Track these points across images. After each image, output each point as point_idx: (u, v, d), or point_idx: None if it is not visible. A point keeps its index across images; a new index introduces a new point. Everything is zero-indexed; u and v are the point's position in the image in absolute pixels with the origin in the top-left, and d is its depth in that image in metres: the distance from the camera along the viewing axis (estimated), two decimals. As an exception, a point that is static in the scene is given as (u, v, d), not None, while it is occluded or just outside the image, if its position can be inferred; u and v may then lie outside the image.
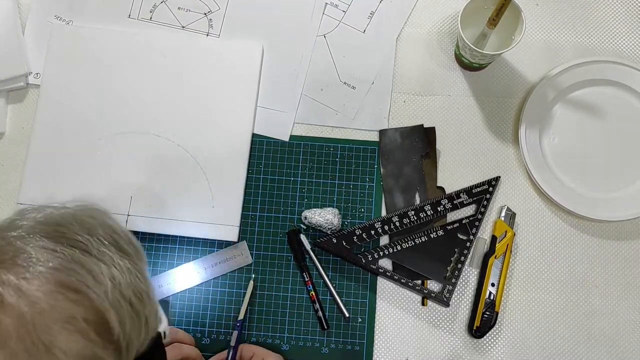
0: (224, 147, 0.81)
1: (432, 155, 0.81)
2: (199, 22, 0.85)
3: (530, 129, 0.80)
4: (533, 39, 0.85)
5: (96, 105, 0.82)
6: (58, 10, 0.86)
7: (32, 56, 0.84)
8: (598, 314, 0.78)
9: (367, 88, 0.84)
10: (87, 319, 0.42)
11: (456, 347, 0.77)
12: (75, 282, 0.43)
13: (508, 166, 0.82)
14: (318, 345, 0.76)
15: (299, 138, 0.82)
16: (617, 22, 0.86)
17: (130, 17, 0.86)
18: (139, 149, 0.81)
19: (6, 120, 0.83)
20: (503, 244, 0.78)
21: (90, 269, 0.44)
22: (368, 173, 0.81)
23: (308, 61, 0.84)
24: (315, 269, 0.78)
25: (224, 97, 0.82)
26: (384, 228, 0.78)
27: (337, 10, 0.86)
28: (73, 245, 0.44)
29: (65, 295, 0.42)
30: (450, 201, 0.79)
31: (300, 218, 0.79)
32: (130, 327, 0.45)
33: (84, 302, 0.42)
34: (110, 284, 0.44)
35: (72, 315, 0.42)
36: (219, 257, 0.78)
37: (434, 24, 0.86)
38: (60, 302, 0.42)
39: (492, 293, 0.77)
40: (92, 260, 0.44)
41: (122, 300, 0.45)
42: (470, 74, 0.84)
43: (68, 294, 0.42)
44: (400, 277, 0.77)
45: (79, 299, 0.42)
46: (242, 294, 0.77)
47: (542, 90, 0.81)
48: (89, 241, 0.45)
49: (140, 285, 0.47)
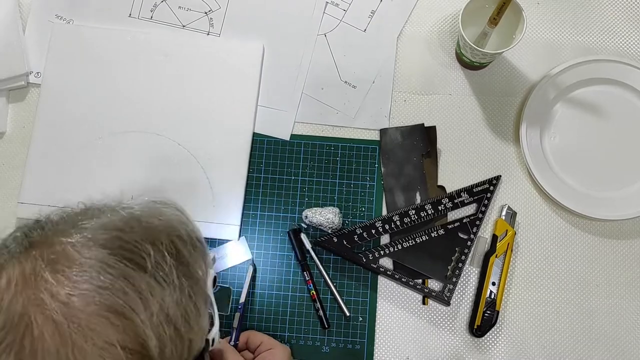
0: (225, 146, 0.81)
1: (433, 154, 0.81)
2: (200, 21, 0.85)
3: (531, 127, 0.80)
4: (534, 38, 0.85)
5: (97, 104, 0.82)
6: (59, 9, 0.86)
7: (33, 55, 0.84)
8: (599, 313, 0.78)
9: (368, 87, 0.83)
10: (125, 347, 0.41)
11: (457, 346, 0.77)
12: (121, 305, 0.41)
13: (509, 165, 0.81)
14: (319, 344, 0.77)
15: (299, 137, 0.82)
16: (618, 20, 0.86)
17: (130, 16, 0.86)
18: (140, 148, 0.81)
19: (7, 119, 0.83)
20: (504, 243, 0.78)
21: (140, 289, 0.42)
22: (369, 172, 0.81)
23: (309, 60, 0.84)
24: (316, 268, 0.78)
25: (225, 97, 0.82)
26: (384, 227, 0.78)
27: (337, 9, 0.86)
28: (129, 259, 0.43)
29: (109, 318, 0.41)
30: (451, 200, 0.79)
31: (301, 217, 0.79)
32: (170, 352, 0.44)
33: (124, 328, 0.41)
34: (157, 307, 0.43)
35: (110, 342, 0.41)
36: (219, 253, 0.78)
37: (435, 22, 0.86)
38: (100, 326, 0.41)
39: (492, 292, 0.77)
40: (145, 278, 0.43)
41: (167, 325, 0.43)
42: (471, 72, 0.84)
43: (111, 317, 0.41)
44: (401, 276, 0.77)
45: (121, 324, 0.41)
46: (241, 285, 0.77)
47: (543, 89, 0.81)
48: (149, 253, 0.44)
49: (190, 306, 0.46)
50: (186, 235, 0.48)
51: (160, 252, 0.45)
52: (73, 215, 0.46)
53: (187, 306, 0.46)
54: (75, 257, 0.42)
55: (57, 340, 0.40)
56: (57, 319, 0.40)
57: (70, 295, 0.41)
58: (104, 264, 0.42)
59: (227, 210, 0.79)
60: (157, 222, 0.47)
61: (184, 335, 0.45)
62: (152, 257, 0.44)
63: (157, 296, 0.43)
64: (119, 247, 0.43)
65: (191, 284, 0.47)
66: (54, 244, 0.43)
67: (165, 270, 0.44)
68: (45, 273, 0.41)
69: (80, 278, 0.41)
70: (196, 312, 0.47)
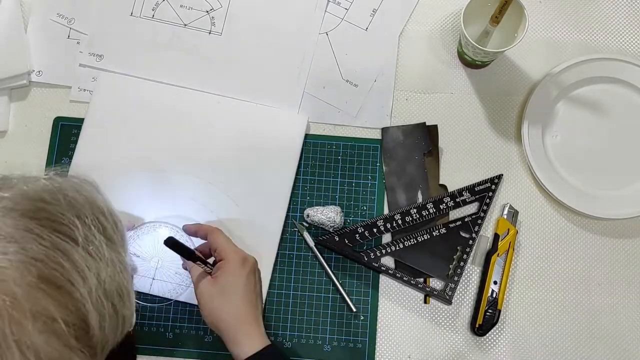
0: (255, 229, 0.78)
1: (435, 153, 0.81)
2: (201, 20, 0.85)
3: (533, 126, 0.80)
4: (536, 37, 0.84)
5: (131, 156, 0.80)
6: (60, 8, 0.86)
7: (35, 54, 0.84)
8: (600, 312, 0.78)
9: (370, 86, 0.83)
10: (68, 322, 0.38)
11: (458, 345, 0.77)
12: (59, 277, 0.38)
13: (511, 164, 0.81)
14: (320, 342, 0.77)
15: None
16: (620, 19, 0.85)
17: (132, 14, 0.86)
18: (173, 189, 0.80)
19: (9, 118, 0.83)
20: (505, 241, 0.78)
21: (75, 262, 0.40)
22: (370, 171, 0.81)
23: (310, 59, 0.84)
24: (319, 265, 0.78)
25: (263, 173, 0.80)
26: (386, 226, 0.78)
27: (339, 8, 0.86)
28: (59, 231, 0.40)
29: (47, 291, 0.38)
30: (453, 199, 0.79)
31: (302, 216, 0.79)
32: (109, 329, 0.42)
33: (66, 303, 0.38)
34: (95, 281, 0.40)
35: (52, 317, 0.38)
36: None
37: (437, 21, 0.86)
38: (40, 300, 0.37)
39: (494, 291, 0.77)
40: (79, 251, 0.40)
41: (105, 300, 0.41)
42: (472, 71, 0.84)
43: (50, 290, 0.38)
44: (402, 275, 0.77)
45: (61, 297, 0.38)
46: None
47: (545, 87, 0.81)
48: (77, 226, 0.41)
49: (123, 282, 0.44)
50: (107, 213, 0.46)
51: (87, 226, 0.42)
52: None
53: (121, 282, 0.44)
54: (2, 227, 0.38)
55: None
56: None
57: (2, 267, 0.37)
58: (34, 234, 0.39)
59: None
60: (79, 196, 0.44)
61: (119, 311, 0.43)
62: (80, 230, 0.41)
63: (93, 269, 0.40)
64: (46, 219, 0.40)
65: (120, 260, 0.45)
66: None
67: (96, 244, 0.42)
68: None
69: (12, 249, 0.38)
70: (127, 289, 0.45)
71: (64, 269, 0.39)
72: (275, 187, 0.79)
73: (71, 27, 0.86)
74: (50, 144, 0.82)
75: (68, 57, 0.84)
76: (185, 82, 0.83)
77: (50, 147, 0.82)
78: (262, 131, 0.81)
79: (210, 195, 0.79)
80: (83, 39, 0.85)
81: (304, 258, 0.79)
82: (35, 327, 0.37)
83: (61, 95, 0.84)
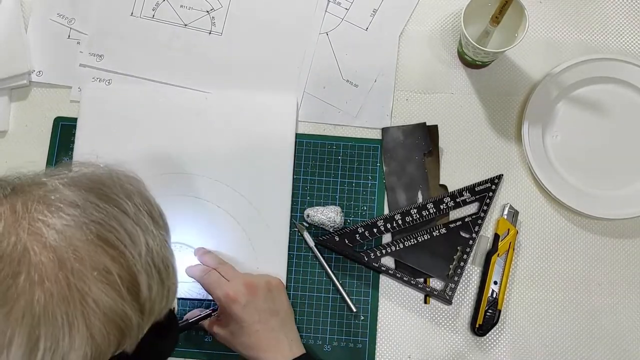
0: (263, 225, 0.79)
1: (435, 153, 0.81)
2: (202, 20, 0.85)
3: (533, 126, 0.80)
4: (536, 37, 0.84)
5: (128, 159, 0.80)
6: (60, 8, 0.86)
7: (35, 54, 0.84)
8: (601, 312, 0.78)
9: (370, 86, 0.83)
10: (121, 276, 0.43)
11: (458, 345, 0.77)
12: (114, 239, 0.43)
13: (511, 164, 0.81)
14: (320, 342, 0.77)
15: (301, 136, 0.82)
16: (621, 19, 0.85)
17: (132, 15, 0.86)
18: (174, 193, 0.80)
19: (9, 118, 0.83)
20: (506, 242, 0.78)
21: (128, 230, 0.44)
22: (370, 171, 0.81)
23: (310, 59, 0.84)
24: (320, 265, 0.78)
25: (260, 163, 0.80)
26: (386, 226, 0.78)
27: (339, 8, 0.86)
28: (115, 205, 0.45)
29: (104, 249, 0.43)
30: (453, 199, 0.79)
31: (302, 216, 0.79)
32: (155, 293, 0.46)
33: (119, 260, 0.43)
34: (144, 248, 0.45)
35: (108, 270, 0.42)
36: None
37: (437, 21, 0.86)
38: (99, 255, 0.42)
39: (494, 291, 0.77)
40: (130, 222, 0.45)
41: (153, 266, 0.46)
42: (473, 71, 0.84)
43: (107, 248, 0.43)
44: (402, 275, 0.77)
45: (116, 255, 0.43)
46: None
47: (545, 87, 0.81)
48: (128, 204, 0.46)
49: (168, 257, 0.49)
50: (153, 202, 0.51)
51: (137, 207, 0.47)
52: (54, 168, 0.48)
53: (166, 256, 0.48)
54: (66, 194, 0.44)
55: (56, 266, 0.41)
56: (55, 245, 0.41)
57: (66, 225, 0.42)
58: (93, 204, 0.44)
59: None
60: (129, 185, 0.49)
61: (164, 280, 0.47)
62: (131, 207, 0.46)
63: (142, 238, 0.45)
64: (102, 194, 0.46)
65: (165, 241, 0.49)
66: (44, 183, 0.45)
67: (144, 221, 0.47)
68: (38, 205, 0.43)
69: (74, 211, 0.43)
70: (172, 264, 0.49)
71: (118, 233, 0.44)
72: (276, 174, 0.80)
73: (71, 27, 0.86)
74: (51, 143, 0.82)
75: (68, 57, 0.85)
76: (185, 82, 0.83)
77: (51, 147, 0.82)
78: (254, 118, 0.82)
79: (211, 190, 0.79)
80: (83, 39, 0.85)
81: (304, 258, 0.79)
82: (94, 277, 0.42)
83: (61, 95, 0.84)
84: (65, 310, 0.41)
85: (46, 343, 0.40)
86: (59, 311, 0.40)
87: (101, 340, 0.42)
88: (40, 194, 0.44)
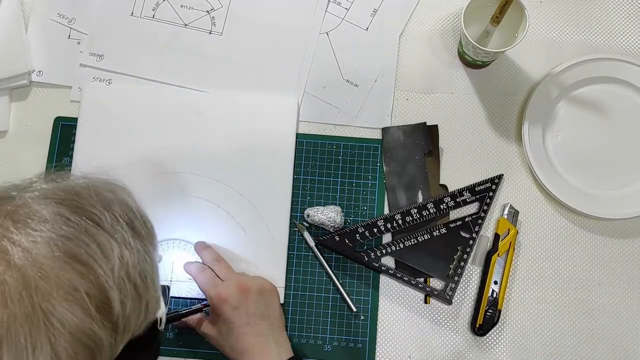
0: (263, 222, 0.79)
1: (435, 153, 0.81)
2: (202, 20, 0.85)
3: (534, 126, 0.80)
4: (536, 36, 0.84)
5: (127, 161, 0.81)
6: (61, 8, 0.86)
7: (35, 54, 0.84)
8: (601, 312, 0.77)
9: (370, 86, 0.83)
10: (90, 294, 0.42)
11: (459, 345, 0.77)
12: (84, 254, 0.42)
13: (511, 164, 0.81)
14: (321, 342, 0.77)
15: (301, 136, 0.82)
16: (621, 19, 0.85)
17: (132, 14, 0.86)
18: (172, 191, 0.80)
19: (9, 118, 0.83)
20: (506, 241, 0.78)
21: (100, 244, 0.43)
22: (371, 171, 0.81)
23: (311, 59, 0.84)
24: (320, 265, 0.78)
25: (260, 163, 0.80)
26: (386, 226, 0.78)
27: (339, 8, 0.86)
28: (88, 217, 0.44)
29: (72, 266, 0.41)
30: (453, 199, 0.79)
31: (302, 216, 0.79)
32: (130, 309, 0.45)
33: (89, 276, 0.42)
34: (118, 262, 0.44)
35: (75, 288, 0.41)
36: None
37: (437, 21, 0.86)
38: (66, 272, 0.41)
39: (494, 291, 0.77)
40: (104, 235, 0.44)
41: (127, 281, 0.44)
42: (473, 71, 0.84)
43: (75, 265, 0.42)
44: (403, 274, 0.77)
45: (85, 272, 0.42)
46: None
47: (545, 87, 0.81)
48: (104, 215, 0.45)
49: (147, 269, 0.47)
50: (136, 210, 0.50)
51: (115, 218, 0.46)
52: (27, 179, 0.47)
53: (144, 268, 0.47)
54: (35, 208, 0.43)
55: (20, 285, 0.40)
56: (20, 264, 0.40)
57: (33, 242, 0.41)
58: (64, 217, 0.43)
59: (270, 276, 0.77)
60: (110, 194, 0.48)
61: (142, 294, 0.46)
62: (108, 220, 0.45)
63: (116, 252, 0.44)
64: (77, 207, 0.44)
65: (146, 250, 0.48)
66: (13, 197, 0.44)
67: (122, 233, 0.46)
68: (5, 221, 0.42)
69: (42, 227, 0.42)
70: (151, 276, 0.48)
71: (89, 248, 0.43)
72: (276, 174, 0.80)
73: (72, 27, 0.86)
74: (51, 143, 0.82)
75: (68, 57, 0.85)
76: (185, 82, 0.83)
77: (51, 147, 0.82)
78: (255, 118, 0.82)
79: (211, 189, 0.79)
80: (83, 39, 0.85)
81: (304, 258, 0.79)
82: (60, 296, 0.40)
83: (62, 95, 0.84)
84: (29, 330, 0.39)
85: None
86: (22, 332, 0.39)
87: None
88: (8, 210, 0.43)
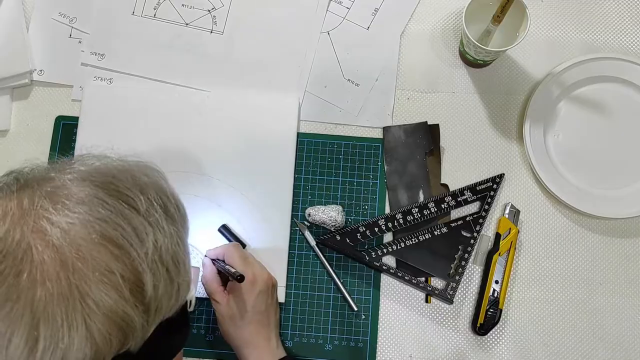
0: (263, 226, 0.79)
1: (436, 153, 0.81)
2: (203, 19, 0.85)
3: (535, 126, 0.80)
4: (538, 36, 0.84)
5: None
6: (62, 7, 0.86)
7: (36, 53, 0.84)
8: (602, 311, 0.77)
9: (371, 85, 0.83)
10: (124, 277, 0.42)
11: (460, 344, 0.77)
12: (119, 237, 0.43)
13: (512, 163, 0.81)
14: (322, 341, 0.77)
15: (302, 135, 0.82)
16: (623, 18, 0.85)
17: (134, 14, 0.86)
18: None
19: (10, 117, 0.83)
20: (507, 241, 0.78)
21: (135, 227, 0.44)
22: (372, 170, 0.81)
23: (312, 58, 0.84)
24: (321, 264, 0.78)
25: (261, 162, 0.80)
26: (387, 225, 0.78)
27: (340, 7, 0.86)
28: (124, 201, 0.45)
29: (108, 248, 0.42)
30: (454, 198, 0.79)
31: (303, 215, 0.79)
32: (162, 292, 0.45)
33: (123, 259, 0.43)
34: (152, 246, 0.44)
35: (110, 270, 0.42)
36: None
37: (438, 20, 0.86)
38: (101, 254, 0.42)
39: (495, 290, 0.77)
40: (139, 219, 0.45)
41: (160, 265, 0.45)
42: (474, 70, 0.84)
43: (110, 247, 0.42)
44: (404, 274, 0.77)
45: (120, 255, 0.43)
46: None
47: (546, 87, 0.81)
48: (140, 199, 0.45)
49: (179, 253, 0.48)
50: (170, 194, 0.50)
51: (150, 201, 0.46)
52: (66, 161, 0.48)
53: (177, 252, 0.47)
54: (73, 190, 0.44)
55: (57, 265, 0.41)
56: (58, 244, 0.41)
57: (70, 223, 0.42)
58: (101, 200, 0.44)
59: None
60: (145, 178, 0.48)
61: (174, 278, 0.47)
62: (143, 203, 0.45)
63: (151, 236, 0.45)
64: (113, 190, 0.45)
65: (178, 234, 0.49)
66: (52, 179, 0.45)
67: (156, 217, 0.46)
68: (44, 202, 0.42)
69: (80, 209, 0.43)
70: (183, 260, 0.49)
71: (125, 231, 0.43)
72: (277, 173, 0.80)
73: (73, 26, 0.86)
74: (52, 142, 0.82)
75: (70, 56, 0.85)
76: (187, 81, 0.83)
77: (52, 146, 0.82)
78: (256, 118, 0.82)
79: (212, 188, 0.80)
80: (85, 38, 0.85)
81: (305, 257, 0.79)
82: (96, 278, 0.41)
83: (63, 94, 0.84)
84: (65, 310, 0.40)
85: (45, 343, 0.40)
86: (58, 311, 0.40)
87: (101, 341, 0.42)
88: (47, 190, 0.43)
